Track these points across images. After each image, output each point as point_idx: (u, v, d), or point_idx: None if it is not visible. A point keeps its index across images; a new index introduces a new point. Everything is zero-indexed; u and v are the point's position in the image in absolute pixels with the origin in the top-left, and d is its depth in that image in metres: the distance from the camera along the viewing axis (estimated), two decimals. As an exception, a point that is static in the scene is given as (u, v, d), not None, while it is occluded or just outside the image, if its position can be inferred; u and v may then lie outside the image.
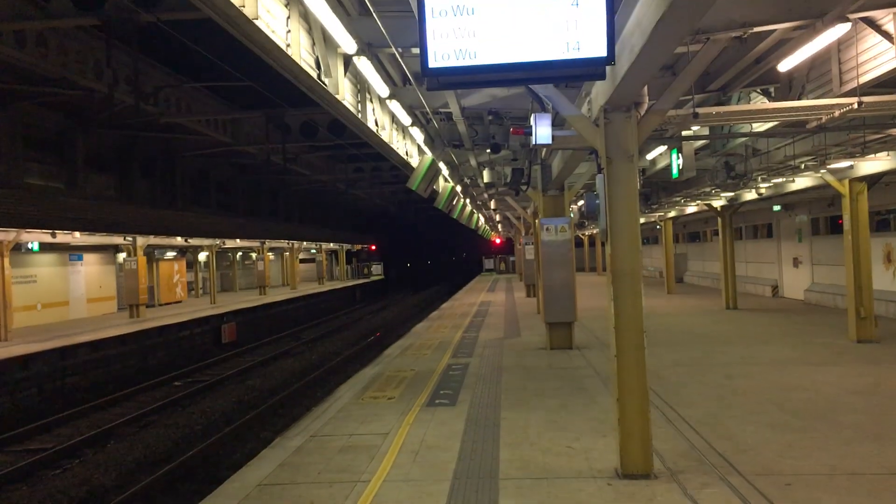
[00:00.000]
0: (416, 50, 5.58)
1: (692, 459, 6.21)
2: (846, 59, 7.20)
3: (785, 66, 6.64)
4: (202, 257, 33.51)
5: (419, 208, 56.66)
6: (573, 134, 7.08)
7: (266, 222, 34.10)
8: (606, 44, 3.69)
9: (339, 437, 7.47)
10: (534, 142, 6.84)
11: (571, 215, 15.30)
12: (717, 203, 19.94)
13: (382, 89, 8.25)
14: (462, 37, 3.75)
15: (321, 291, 37.92)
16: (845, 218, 12.72)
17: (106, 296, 25.50)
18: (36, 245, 20.56)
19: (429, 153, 13.03)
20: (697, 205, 21.97)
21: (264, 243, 32.62)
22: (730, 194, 18.30)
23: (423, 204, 36.22)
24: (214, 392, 15.49)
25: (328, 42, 7.17)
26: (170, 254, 30.00)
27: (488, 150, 11.66)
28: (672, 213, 26.02)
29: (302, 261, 45.87)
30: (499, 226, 42.60)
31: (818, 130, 9.63)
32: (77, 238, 19.51)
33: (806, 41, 5.72)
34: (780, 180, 15.16)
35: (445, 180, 17.24)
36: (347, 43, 6.44)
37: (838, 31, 5.48)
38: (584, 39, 3.70)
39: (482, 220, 40.54)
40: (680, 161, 11.79)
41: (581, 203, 20.28)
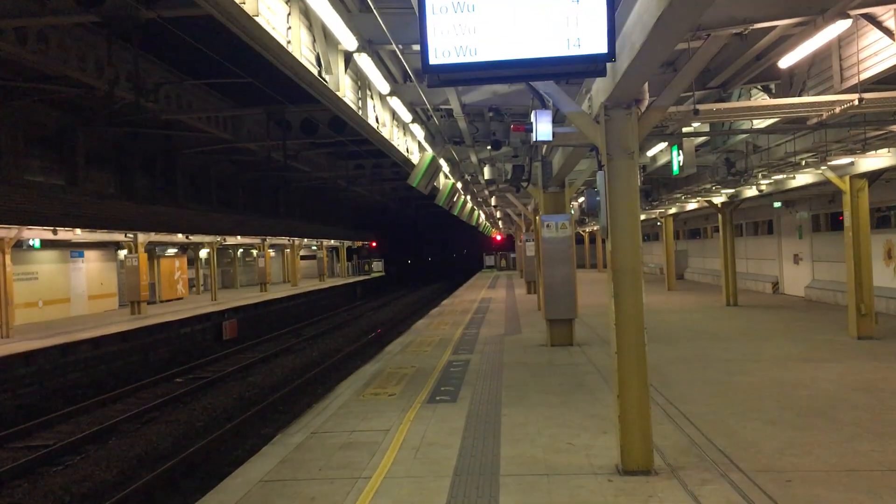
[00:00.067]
0: (417, 47, 5.57)
1: (693, 456, 6.23)
2: (847, 56, 7.19)
3: (786, 63, 6.63)
4: (203, 254, 33.55)
5: (420, 205, 56.67)
6: (574, 131, 7.10)
7: (267, 219, 34.13)
8: (607, 40, 3.69)
9: (340, 434, 7.49)
10: (534, 138, 6.86)
11: (572, 212, 15.31)
12: (718, 200, 19.93)
13: (383, 86, 8.25)
14: (462, 33, 3.75)
15: (322, 288, 37.95)
16: (846, 214, 12.73)
17: (107, 292, 25.52)
18: (37, 242, 20.59)
19: (429, 150, 13.03)
20: (698, 201, 21.96)
21: (265, 240, 32.64)
22: (730, 191, 18.30)
23: (424, 201, 36.21)
24: (216, 389, 15.52)
25: (329, 39, 7.17)
26: (171, 251, 30.03)
27: (489, 147, 11.66)
28: (672, 210, 26.02)
29: (303, 258, 45.94)
30: (499, 222, 42.59)
31: (819, 127, 9.63)
32: (78, 235, 19.54)
33: (807, 37, 5.72)
34: (781, 177, 15.15)
35: (446, 177, 17.23)
36: (348, 40, 6.43)
37: (839, 28, 5.47)
38: (585, 36, 3.70)
39: (483, 217, 40.52)
40: (680, 158, 11.79)
41: (582, 200, 20.31)
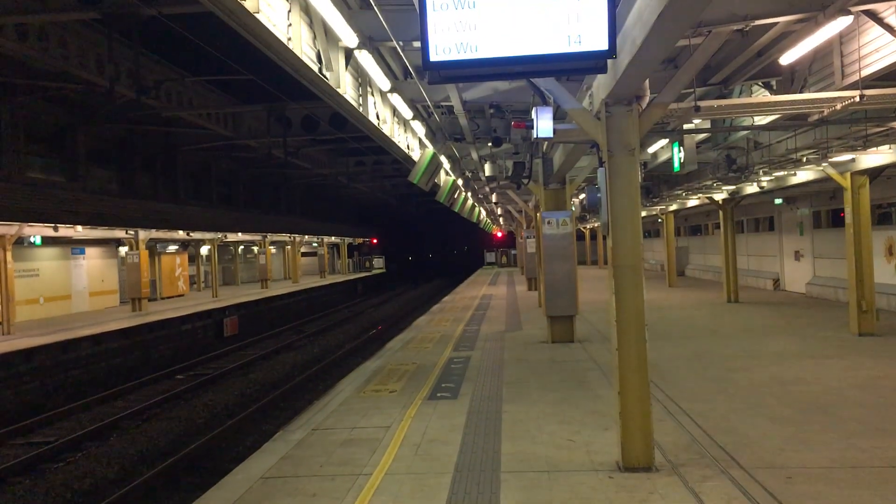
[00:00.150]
0: (418, 44, 5.55)
1: (693, 452, 6.23)
2: (848, 52, 7.18)
3: (787, 60, 6.63)
4: (204, 251, 33.58)
5: (420, 202, 56.66)
6: (574, 127, 7.08)
7: (267, 216, 34.15)
8: (608, 37, 3.69)
9: (341, 431, 7.49)
10: (535, 135, 6.84)
11: (573, 209, 15.29)
12: (719, 196, 19.91)
13: (384, 83, 8.25)
14: (463, 30, 3.75)
15: (323, 285, 37.98)
16: (847, 211, 12.71)
17: (108, 289, 25.55)
18: (38, 239, 20.59)
19: (430, 147, 13.03)
20: (699, 198, 21.95)
21: (266, 237, 32.65)
22: (731, 187, 18.29)
23: (425, 197, 36.24)
24: (217, 385, 15.55)
25: (329, 36, 7.16)
26: (172, 247, 30.04)
27: (490, 144, 11.65)
28: (673, 207, 25.99)
29: (304, 254, 45.95)
30: (500, 219, 42.58)
31: (820, 124, 9.62)
32: (79, 232, 19.55)
33: (808, 34, 5.71)
34: (782, 173, 15.14)
35: (447, 174, 17.23)
36: (348, 36, 6.43)
37: (840, 24, 5.46)
38: (586, 33, 3.70)
39: (483, 214, 40.53)
40: (681, 154, 11.79)
41: (582, 196, 20.31)
